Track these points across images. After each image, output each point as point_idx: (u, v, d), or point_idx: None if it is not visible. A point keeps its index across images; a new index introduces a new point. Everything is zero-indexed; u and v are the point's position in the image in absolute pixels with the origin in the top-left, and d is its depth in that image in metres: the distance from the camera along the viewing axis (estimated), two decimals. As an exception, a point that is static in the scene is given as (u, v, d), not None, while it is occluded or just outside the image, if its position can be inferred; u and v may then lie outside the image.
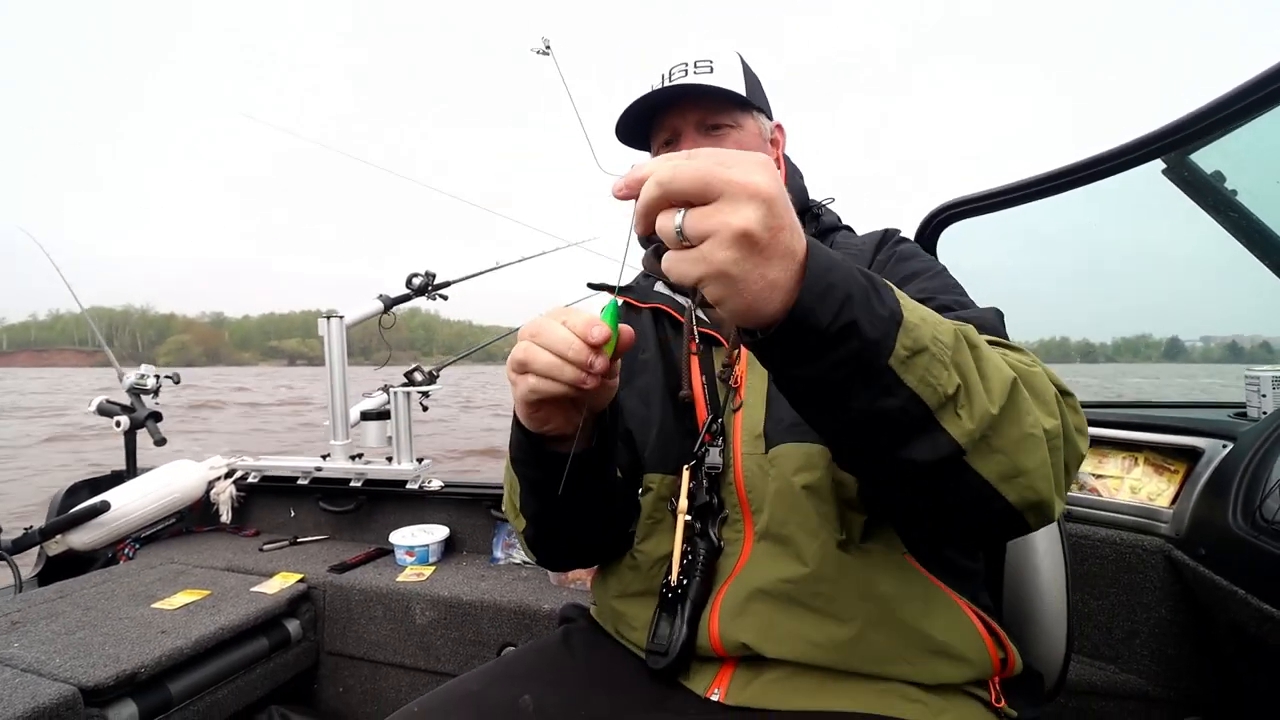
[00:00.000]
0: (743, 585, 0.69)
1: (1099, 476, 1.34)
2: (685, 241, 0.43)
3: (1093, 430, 1.38)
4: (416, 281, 2.25)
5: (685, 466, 0.74)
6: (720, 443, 0.75)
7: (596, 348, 0.53)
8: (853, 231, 0.89)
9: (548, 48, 0.57)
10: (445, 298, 2.31)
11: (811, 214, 0.90)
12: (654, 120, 0.83)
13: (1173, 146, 1.17)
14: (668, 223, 0.43)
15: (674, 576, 0.70)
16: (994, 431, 0.49)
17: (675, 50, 0.83)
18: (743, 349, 0.78)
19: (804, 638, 0.66)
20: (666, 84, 0.80)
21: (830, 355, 0.45)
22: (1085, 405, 1.57)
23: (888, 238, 0.84)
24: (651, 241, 0.62)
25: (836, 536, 0.67)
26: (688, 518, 0.72)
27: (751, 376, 0.77)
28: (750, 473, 0.73)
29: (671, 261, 0.44)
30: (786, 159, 0.90)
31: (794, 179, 0.90)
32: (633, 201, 0.47)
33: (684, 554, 0.71)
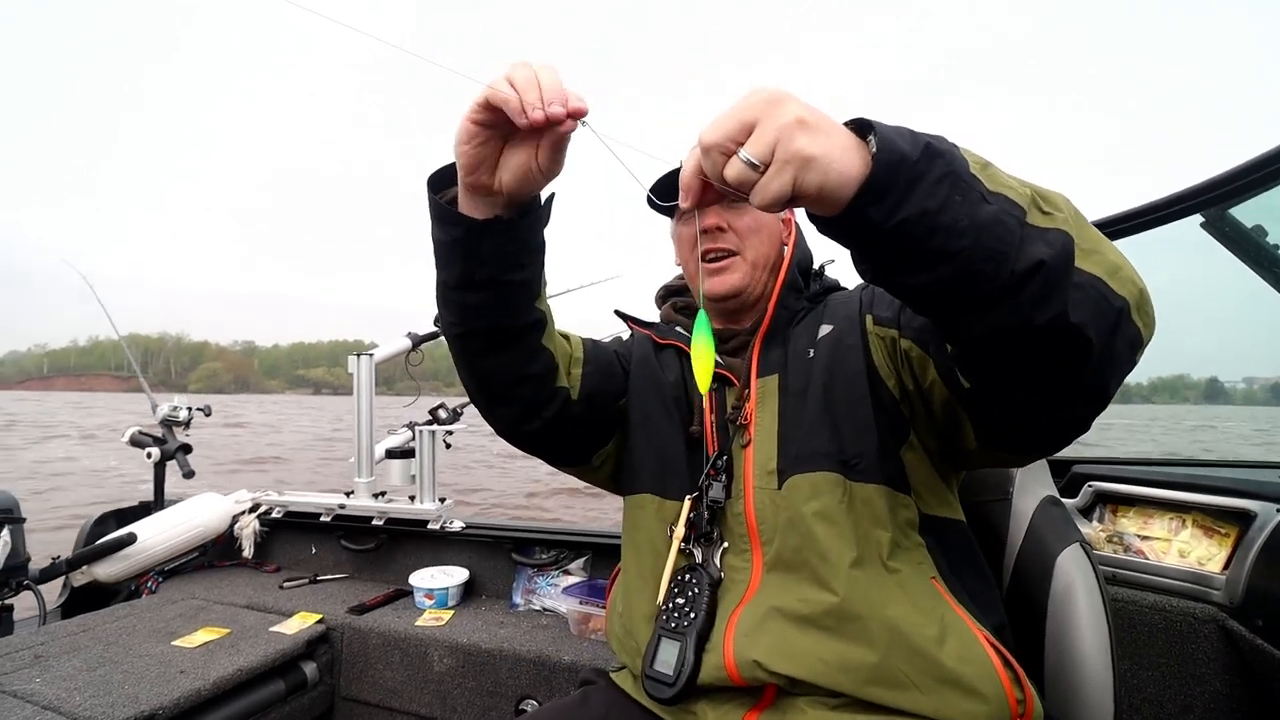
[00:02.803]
0: (758, 606, 0.72)
1: (1145, 538, 1.29)
2: (758, 167, 0.47)
3: (1136, 489, 1.34)
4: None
5: (688, 497, 0.80)
6: (725, 479, 0.79)
7: (566, 108, 0.56)
8: (847, 289, 0.95)
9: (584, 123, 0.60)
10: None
11: (816, 274, 0.96)
12: (674, 191, 0.87)
13: (1213, 202, 1.16)
14: (736, 165, 0.48)
15: (661, 595, 0.75)
16: (1079, 233, 0.52)
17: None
18: (753, 389, 0.84)
19: (817, 657, 0.68)
20: None
21: (927, 177, 0.47)
22: (1123, 462, 1.51)
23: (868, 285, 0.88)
24: (710, 259, 0.84)
25: (851, 556, 0.70)
26: (683, 544, 0.78)
27: (761, 414, 0.82)
28: (762, 505, 0.77)
29: (761, 188, 0.48)
30: (796, 225, 0.95)
31: (801, 244, 0.95)
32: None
33: (685, 585, 0.76)
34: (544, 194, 0.70)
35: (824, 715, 0.68)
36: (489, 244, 0.67)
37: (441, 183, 0.70)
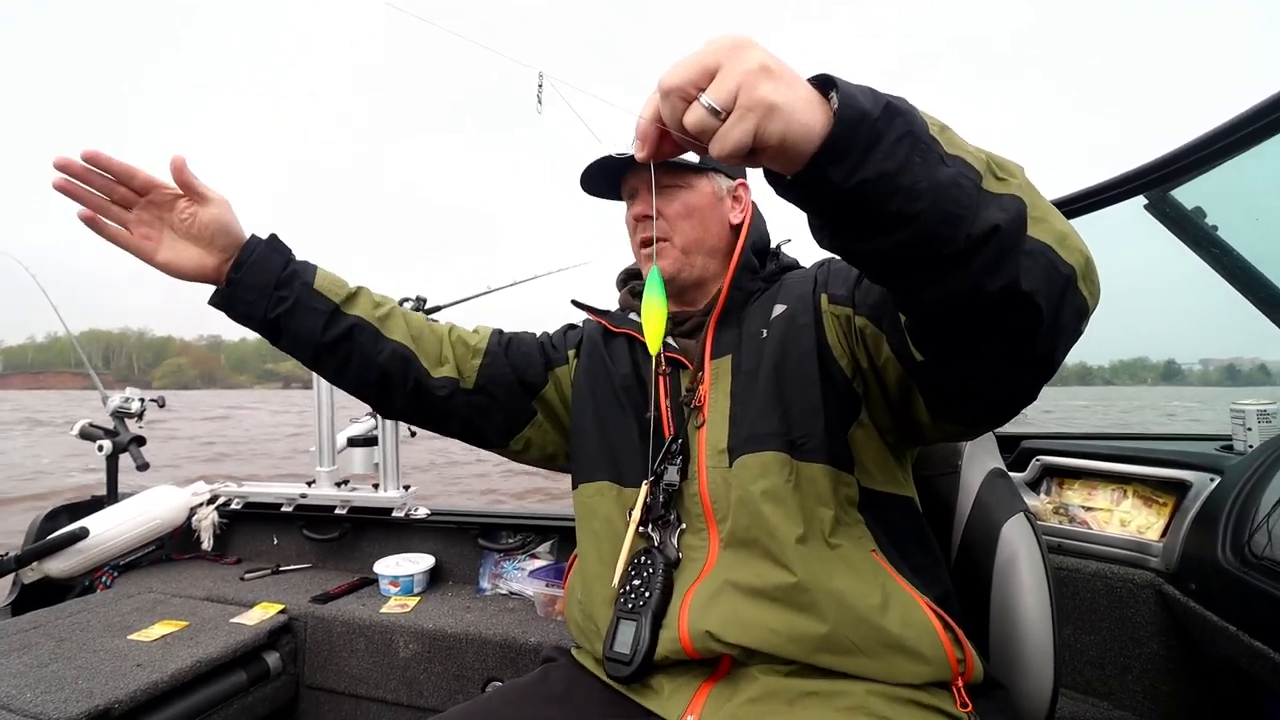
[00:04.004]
0: (713, 581, 0.75)
1: (1089, 509, 1.34)
2: (720, 114, 0.45)
3: (1081, 462, 1.39)
4: (406, 305, 2.26)
5: (645, 482, 0.82)
6: (680, 461, 0.81)
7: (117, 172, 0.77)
8: (804, 268, 0.96)
9: (540, 84, 0.58)
10: (436, 321, 2.32)
11: (772, 254, 0.96)
12: (622, 174, 0.92)
13: (1155, 184, 1.20)
14: (696, 111, 0.46)
15: (616, 579, 0.77)
16: (1031, 200, 0.52)
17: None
18: (706, 370, 0.85)
19: (768, 627, 0.70)
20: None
21: (887, 136, 0.46)
22: (1070, 437, 1.56)
23: (824, 261, 0.91)
24: (646, 246, 0.86)
25: (797, 533, 0.73)
26: (641, 528, 0.80)
27: (715, 395, 0.84)
28: (715, 484, 0.79)
29: (722, 136, 0.46)
30: (754, 205, 0.96)
31: (758, 224, 0.95)
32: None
33: (641, 567, 0.79)
34: (264, 234, 0.86)
35: (776, 681, 0.70)
36: (238, 301, 0.83)
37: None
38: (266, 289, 0.83)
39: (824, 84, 0.48)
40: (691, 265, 0.89)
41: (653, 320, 0.64)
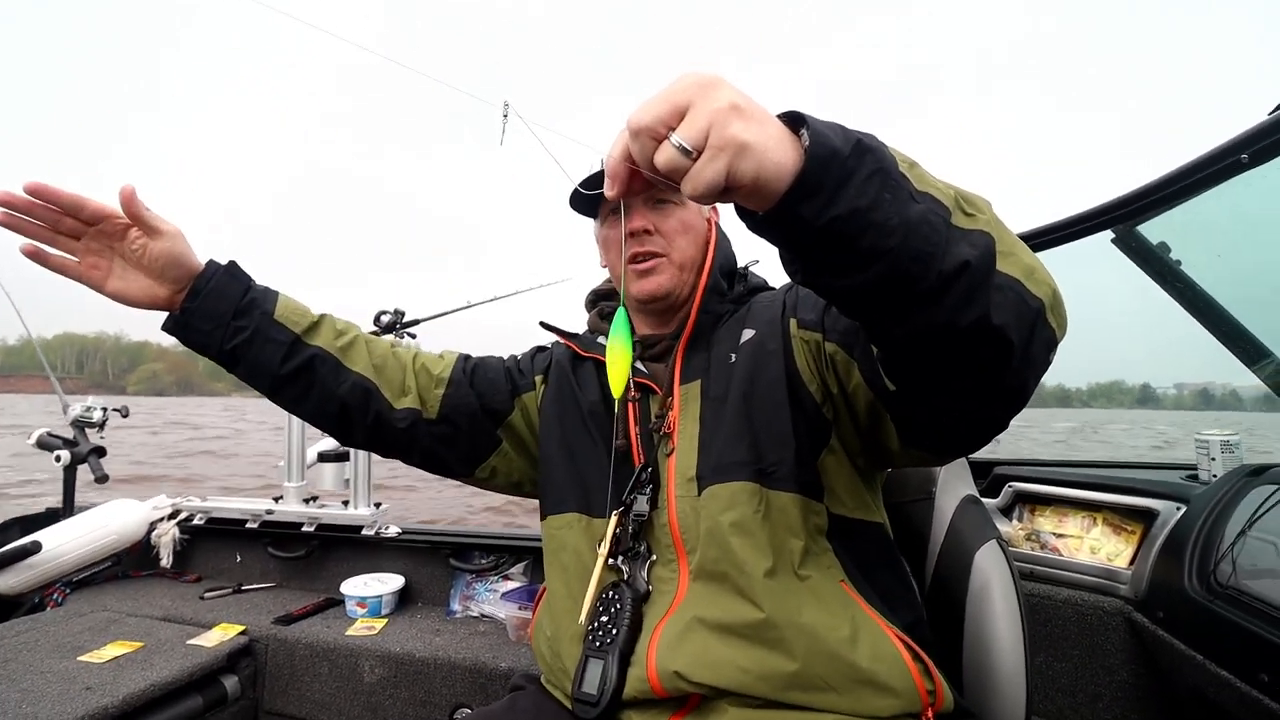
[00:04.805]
0: (681, 617, 0.74)
1: (1060, 536, 1.37)
2: (691, 153, 0.45)
3: (1052, 489, 1.42)
4: (384, 319, 2.23)
5: (614, 512, 0.80)
6: (649, 491, 0.81)
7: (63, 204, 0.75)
8: (774, 289, 0.96)
9: (505, 114, 0.59)
10: (414, 335, 2.30)
11: (739, 275, 0.96)
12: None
13: (1122, 219, 1.24)
14: (667, 151, 0.46)
15: (583, 615, 0.74)
16: (999, 235, 0.53)
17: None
18: (676, 396, 0.85)
19: (737, 666, 0.70)
20: None
21: (858, 173, 0.47)
22: (1042, 464, 1.59)
23: (793, 285, 0.91)
24: (635, 261, 0.84)
25: (766, 566, 0.72)
26: (611, 560, 0.79)
27: (684, 421, 0.83)
28: (684, 514, 0.78)
29: (694, 175, 0.46)
30: (718, 227, 0.97)
31: (723, 246, 0.96)
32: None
33: (609, 602, 0.77)
34: (221, 260, 0.84)
35: (747, 714, 0.70)
36: (193, 330, 0.82)
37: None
38: (223, 319, 0.82)
39: (793, 121, 0.48)
40: (684, 283, 0.89)
41: (616, 365, 0.63)
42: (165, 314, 0.83)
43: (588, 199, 0.92)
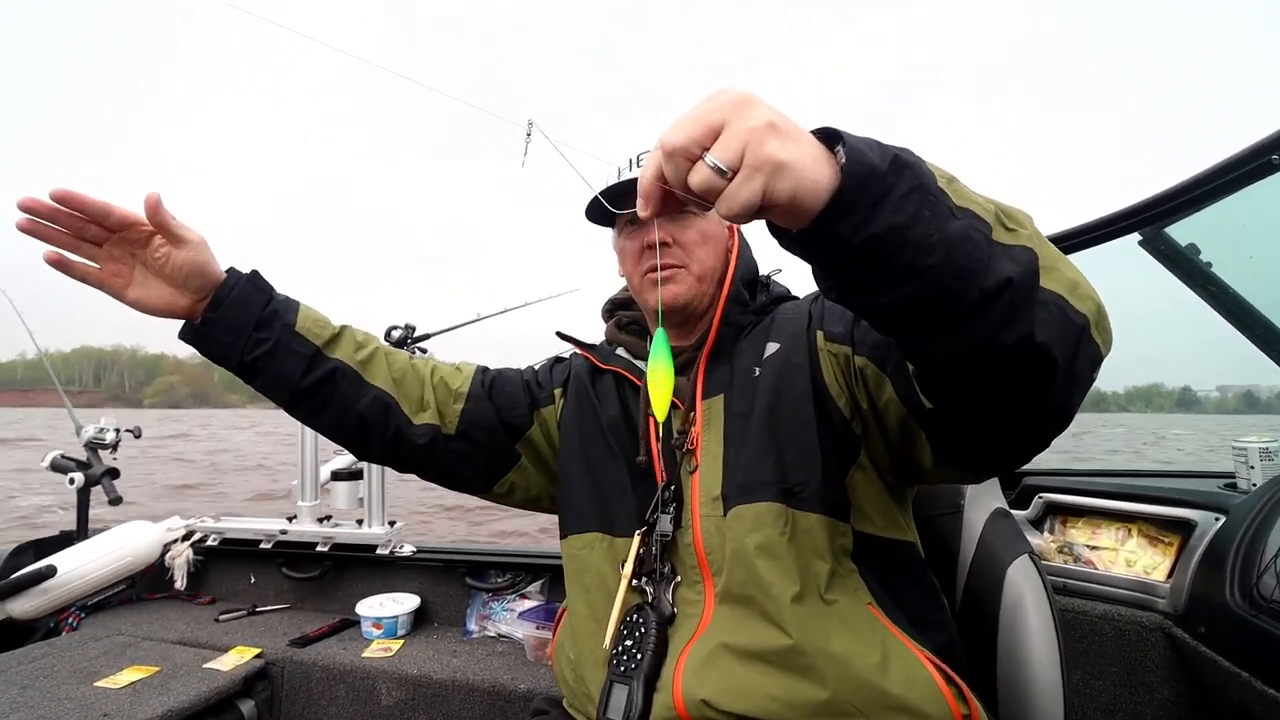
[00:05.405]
0: (707, 643, 0.73)
1: (1093, 548, 1.34)
2: (726, 173, 0.45)
3: (1085, 500, 1.39)
4: (395, 334, 2.25)
5: (637, 532, 0.80)
6: (672, 509, 0.80)
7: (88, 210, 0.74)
8: (798, 299, 0.95)
9: (529, 133, 0.59)
10: (425, 350, 2.31)
11: (761, 285, 0.96)
12: (624, 201, 0.91)
13: (1149, 221, 1.23)
14: (702, 171, 0.46)
15: (608, 640, 0.74)
16: (1041, 250, 0.52)
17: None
18: (698, 411, 0.84)
19: (766, 694, 0.69)
20: (638, 170, 0.86)
21: (896, 190, 0.46)
22: (1073, 474, 1.56)
23: (819, 294, 0.90)
24: (655, 272, 0.83)
25: (793, 591, 0.71)
26: (635, 581, 0.78)
27: (707, 438, 0.82)
28: (709, 535, 0.77)
29: (729, 196, 0.46)
30: (740, 235, 0.96)
31: (745, 255, 0.95)
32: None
33: (634, 626, 0.76)
34: (244, 269, 0.84)
35: None
36: (213, 340, 0.82)
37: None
38: (244, 330, 0.81)
39: (828, 137, 0.48)
40: (705, 294, 0.89)
41: (660, 387, 0.62)
42: (183, 322, 0.83)
43: (604, 209, 0.93)
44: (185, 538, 2.00)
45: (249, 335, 0.81)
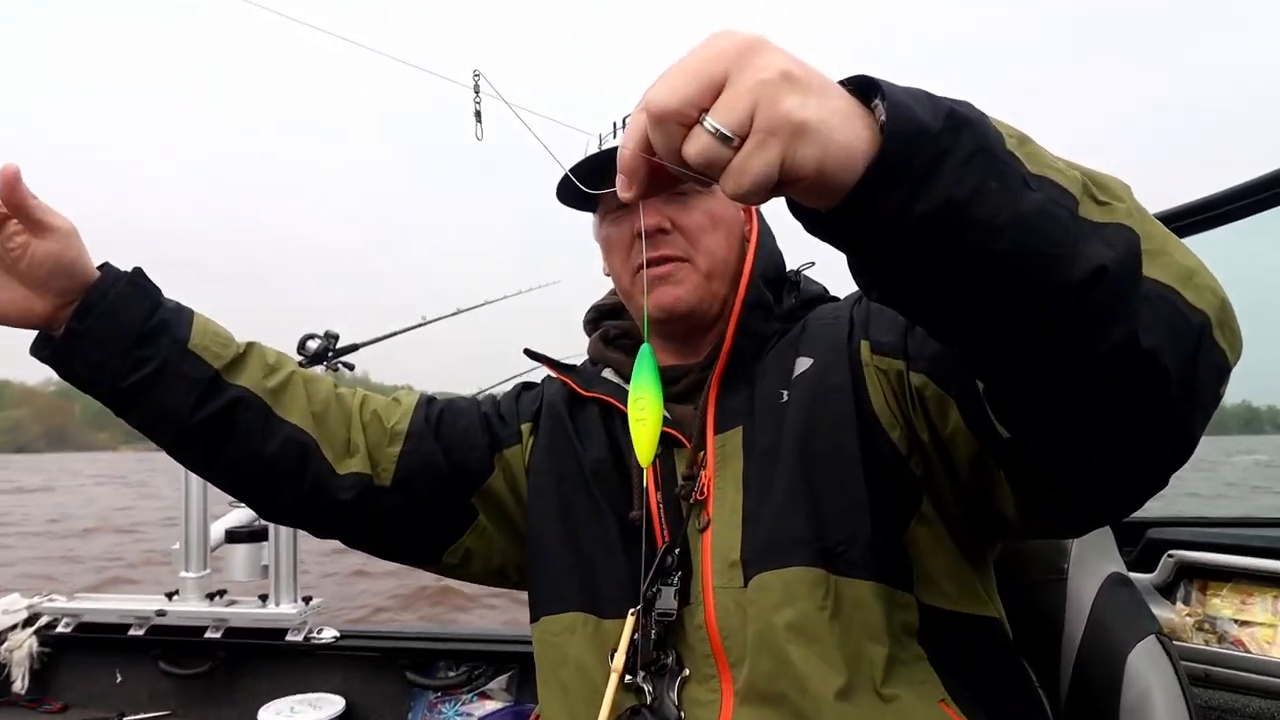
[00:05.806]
0: None
1: (1243, 624, 1.35)
2: (732, 140, 0.44)
3: (1231, 559, 1.40)
4: (312, 346, 2.23)
5: (631, 611, 0.80)
6: (677, 579, 0.80)
7: None
8: (837, 299, 0.96)
9: (477, 83, 0.60)
10: (351, 367, 2.30)
11: (789, 283, 0.96)
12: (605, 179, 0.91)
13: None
14: (700, 139, 0.45)
15: None
16: (1144, 229, 0.52)
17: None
18: (709, 449, 0.84)
19: None
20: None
21: (954, 153, 0.45)
22: (1214, 523, 1.57)
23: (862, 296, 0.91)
24: (652, 266, 0.83)
25: (838, 685, 0.71)
26: (629, 676, 0.78)
27: (722, 484, 0.83)
28: (725, 612, 0.77)
29: (737, 169, 0.45)
30: (760, 218, 0.97)
31: (767, 243, 0.96)
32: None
33: None
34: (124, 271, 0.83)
35: None
36: (78, 359, 0.80)
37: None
38: (121, 346, 0.80)
39: (861, 88, 0.48)
40: (715, 295, 0.89)
41: (645, 424, 0.60)
42: (37, 334, 0.82)
43: (578, 190, 0.93)
44: (28, 623, 2.00)
45: (126, 353, 0.80)
